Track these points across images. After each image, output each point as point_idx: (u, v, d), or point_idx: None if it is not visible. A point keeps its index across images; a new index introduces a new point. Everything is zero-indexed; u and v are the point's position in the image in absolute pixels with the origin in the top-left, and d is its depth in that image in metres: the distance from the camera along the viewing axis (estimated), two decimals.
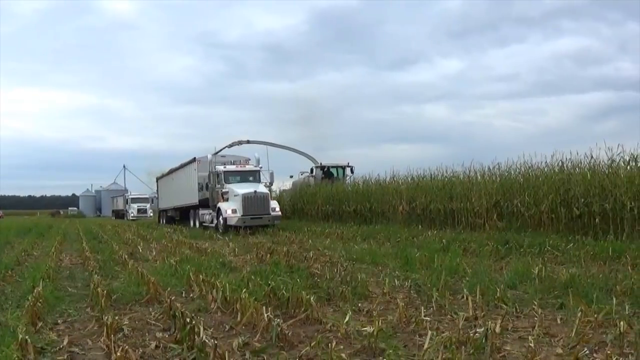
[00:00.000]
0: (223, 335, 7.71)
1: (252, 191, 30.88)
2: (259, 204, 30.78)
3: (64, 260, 18.16)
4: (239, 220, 30.30)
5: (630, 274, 10.99)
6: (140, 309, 9.72)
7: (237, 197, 30.84)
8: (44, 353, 7.03)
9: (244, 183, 32.35)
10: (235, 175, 33.33)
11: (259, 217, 30.62)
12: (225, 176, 32.88)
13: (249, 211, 30.50)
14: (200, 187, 36.09)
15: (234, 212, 30.60)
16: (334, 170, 44.11)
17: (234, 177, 33.06)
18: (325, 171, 43.79)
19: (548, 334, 7.19)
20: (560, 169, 21.58)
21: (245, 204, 30.52)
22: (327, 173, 43.65)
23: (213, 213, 33.43)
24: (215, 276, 11.84)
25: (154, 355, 6.89)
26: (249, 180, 32.94)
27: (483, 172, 25.86)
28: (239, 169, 34.24)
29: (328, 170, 43.94)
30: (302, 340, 7.18)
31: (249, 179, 33.12)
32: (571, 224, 19.91)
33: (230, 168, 34.05)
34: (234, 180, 32.75)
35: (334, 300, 9.82)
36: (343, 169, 44.40)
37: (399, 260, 14.62)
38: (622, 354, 6.16)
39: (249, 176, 33.50)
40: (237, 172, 33.69)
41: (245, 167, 34.76)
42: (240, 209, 30.51)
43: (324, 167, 44.21)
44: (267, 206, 31.19)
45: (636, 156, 18.84)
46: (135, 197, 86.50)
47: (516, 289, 10.30)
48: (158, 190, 53.02)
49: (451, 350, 6.14)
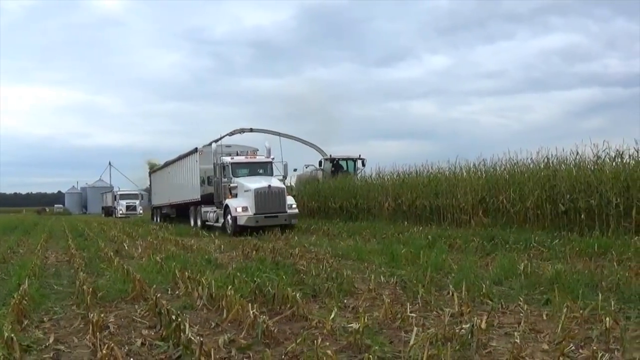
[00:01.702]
0: (209, 332, 7.70)
1: (265, 185, 26.85)
2: (273, 201, 26.82)
3: (49, 257, 18.11)
4: (250, 220, 26.38)
5: (616, 269, 11.02)
6: (126, 306, 9.71)
7: (249, 193, 26.83)
8: (30, 351, 7.01)
9: (255, 176, 28.34)
10: (244, 167, 29.17)
11: (274, 215, 26.65)
12: (232, 169, 28.55)
13: (263, 209, 26.48)
14: (203, 181, 32.10)
15: (244, 210, 26.59)
16: (344, 163, 40.95)
17: (242, 170, 28.88)
18: (335, 164, 40.56)
19: (534, 330, 7.22)
20: (545, 165, 21.60)
21: (258, 200, 26.46)
22: (336, 166, 40.42)
23: (219, 211, 29.53)
24: (200, 273, 11.83)
25: (139, 352, 6.87)
26: (258, 173, 28.88)
27: (469, 169, 25.85)
28: (249, 161, 29.86)
29: (338, 163, 40.75)
30: (287, 337, 7.17)
31: (258, 172, 29.07)
32: (557, 220, 19.97)
33: (238, 159, 29.58)
34: (241, 173, 28.65)
35: (319, 297, 9.83)
36: (354, 162, 40.97)
37: (385, 257, 14.66)
38: (608, 350, 6.19)
39: (259, 168, 29.45)
40: (247, 164, 29.44)
41: (255, 159, 30.34)
42: (252, 206, 26.51)
43: (334, 159, 40.98)
44: (283, 203, 27.19)
45: (622, 152, 18.90)
46: (124, 194, 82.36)
47: (502, 285, 10.34)
48: (151, 185, 49.11)
49: (437, 347, 6.14)
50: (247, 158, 30.10)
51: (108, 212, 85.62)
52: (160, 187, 44.64)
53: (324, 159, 41.42)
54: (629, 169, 18.35)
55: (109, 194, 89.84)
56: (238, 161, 29.33)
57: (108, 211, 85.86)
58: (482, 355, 6.34)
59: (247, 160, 29.78)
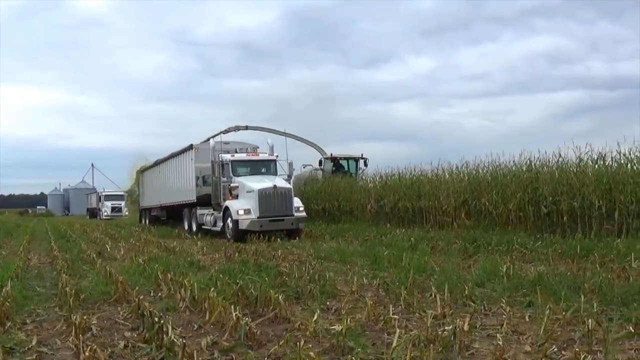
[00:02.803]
0: (191, 334, 7.67)
1: (270, 186, 24.37)
2: (279, 203, 24.26)
3: (32, 259, 18.01)
4: (253, 224, 23.83)
5: (598, 271, 11.05)
6: (109, 308, 9.66)
7: (252, 194, 24.30)
8: (13, 353, 6.96)
9: (257, 176, 25.90)
10: (245, 165, 26.70)
11: (280, 219, 24.19)
12: (233, 167, 26.02)
13: (268, 211, 24.00)
14: (199, 181, 29.45)
15: (247, 212, 23.97)
16: (345, 162, 38.39)
17: (243, 169, 26.41)
18: (336, 163, 38.06)
19: (516, 332, 7.23)
20: (528, 167, 21.73)
21: (262, 202, 23.98)
22: (337, 166, 37.99)
23: (217, 213, 26.85)
24: (183, 275, 11.78)
25: (122, 354, 6.84)
26: (261, 173, 26.46)
27: (451, 171, 25.98)
28: (252, 158, 27.33)
29: (339, 162, 38.24)
30: (270, 339, 7.15)
31: (261, 171, 26.60)
32: (539, 222, 20.09)
33: (239, 157, 27.01)
34: (243, 172, 26.13)
35: (302, 299, 9.81)
36: (356, 162, 38.20)
37: (368, 259, 14.67)
38: (591, 352, 6.20)
39: (262, 167, 26.94)
40: (249, 162, 26.95)
41: (258, 156, 27.69)
42: (255, 208, 23.94)
43: (335, 158, 38.31)
44: (290, 205, 24.62)
45: (604, 155, 19.05)
46: (109, 194, 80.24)
47: (484, 287, 10.36)
48: (140, 185, 45.93)
49: (420, 349, 6.16)
50: (250, 156, 27.64)
51: (93, 213, 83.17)
52: (149, 187, 41.95)
53: (324, 158, 38.72)
54: (611, 172, 18.48)
55: (94, 195, 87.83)
56: (239, 159, 26.82)
57: (93, 213, 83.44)
58: (465, 357, 6.35)
59: (250, 158, 27.33)
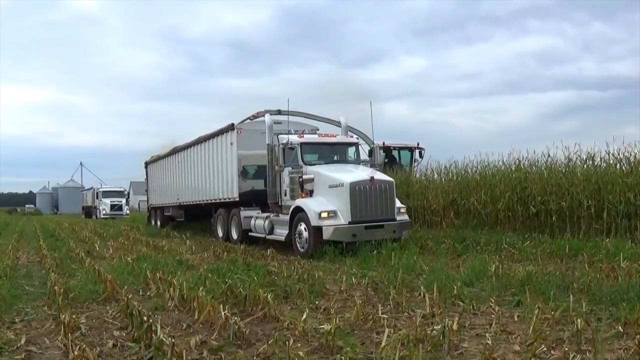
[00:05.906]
0: (180, 333, 7.66)
1: (365, 178, 16.97)
2: (379, 202, 17.00)
3: (21, 258, 17.90)
4: (343, 232, 16.49)
5: (587, 271, 11.12)
6: (98, 307, 9.64)
7: (338, 190, 16.88)
8: (1, 352, 6.96)
9: (336, 164, 18.90)
10: (317, 151, 19.43)
11: (379, 224, 16.86)
12: (303, 152, 18.61)
13: (363, 215, 16.70)
14: (244, 172, 22.05)
15: (332, 216, 16.56)
16: (396, 152, 32.30)
17: (312, 155, 18.99)
18: (388, 154, 31.63)
19: (505, 331, 7.26)
20: (517, 167, 21.73)
21: (355, 201, 16.64)
22: (390, 157, 31.77)
23: (274, 217, 19.45)
24: (172, 274, 11.80)
25: (111, 354, 6.83)
26: (334, 161, 19.31)
27: (440, 170, 25.95)
28: (329, 141, 19.87)
29: (391, 152, 32.04)
30: (259, 339, 7.16)
31: (333, 158, 19.40)
32: (528, 222, 20.08)
33: (311, 138, 19.55)
34: (313, 160, 18.85)
35: (291, 298, 9.83)
36: (411, 152, 32.17)
37: (356, 258, 14.68)
38: (580, 351, 6.23)
39: (339, 153, 19.71)
40: (323, 146, 19.63)
41: (336, 138, 20.27)
42: (345, 209, 16.60)
43: (388, 147, 31.52)
44: (392, 205, 17.33)
45: (593, 155, 19.07)
46: (108, 191, 70.91)
47: (473, 287, 10.38)
48: (148, 179, 37.76)
49: (409, 348, 6.17)
50: (324, 137, 20.24)
51: (88, 212, 75.25)
52: (162, 181, 34.14)
53: (375, 146, 28.00)
54: (600, 172, 18.50)
55: (89, 193, 78.71)
56: (312, 140, 19.46)
57: (88, 211, 75.40)
58: (454, 357, 6.37)
59: (326, 140, 19.90)
